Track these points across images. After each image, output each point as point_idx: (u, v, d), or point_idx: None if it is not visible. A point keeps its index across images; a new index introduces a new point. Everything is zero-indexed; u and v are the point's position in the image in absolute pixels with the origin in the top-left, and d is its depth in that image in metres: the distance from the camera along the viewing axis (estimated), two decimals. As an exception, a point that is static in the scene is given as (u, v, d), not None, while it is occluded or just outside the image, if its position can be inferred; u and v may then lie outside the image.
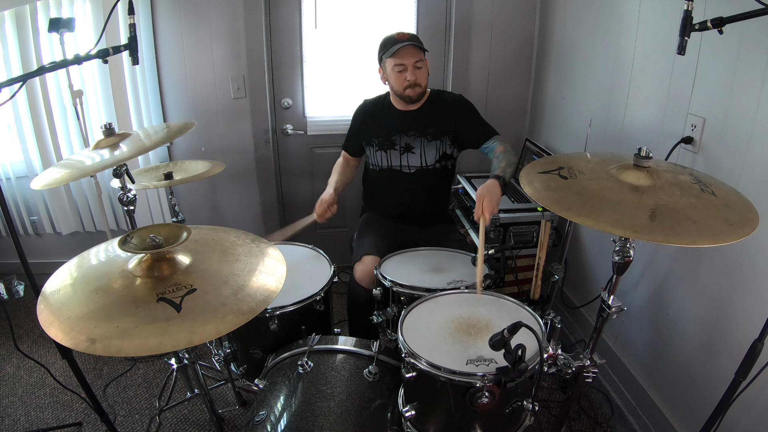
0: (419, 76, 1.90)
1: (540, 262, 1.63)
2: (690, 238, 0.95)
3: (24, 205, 2.82)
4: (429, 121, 1.98)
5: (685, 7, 1.08)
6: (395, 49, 1.85)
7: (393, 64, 1.89)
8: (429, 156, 2.00)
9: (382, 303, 1.66)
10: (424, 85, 1.93)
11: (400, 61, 1.87)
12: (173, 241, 1.11)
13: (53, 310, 1.00)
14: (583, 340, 2.29)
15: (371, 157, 2.09)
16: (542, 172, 1.19)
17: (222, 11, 2.51)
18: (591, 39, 2.17)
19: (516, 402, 1.21)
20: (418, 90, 1.92)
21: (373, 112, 2.08)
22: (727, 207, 1.06)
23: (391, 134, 2.01)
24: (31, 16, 2.41)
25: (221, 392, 2.08)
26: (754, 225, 1.01)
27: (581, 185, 1.12)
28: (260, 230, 2.96)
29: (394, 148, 2.02)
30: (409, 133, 1.99)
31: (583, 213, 1.02)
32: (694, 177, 1.17)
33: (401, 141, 2.00)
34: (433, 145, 1.99)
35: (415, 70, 1.88)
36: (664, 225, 0.98)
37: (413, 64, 1.88)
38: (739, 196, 1.13)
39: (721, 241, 0.95)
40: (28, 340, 2.47)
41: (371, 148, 2.06)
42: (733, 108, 1.40)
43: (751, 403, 1.32)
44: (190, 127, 1.63)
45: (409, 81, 1.89)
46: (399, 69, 1.88)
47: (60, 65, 1.29)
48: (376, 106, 2.09)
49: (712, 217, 1.02)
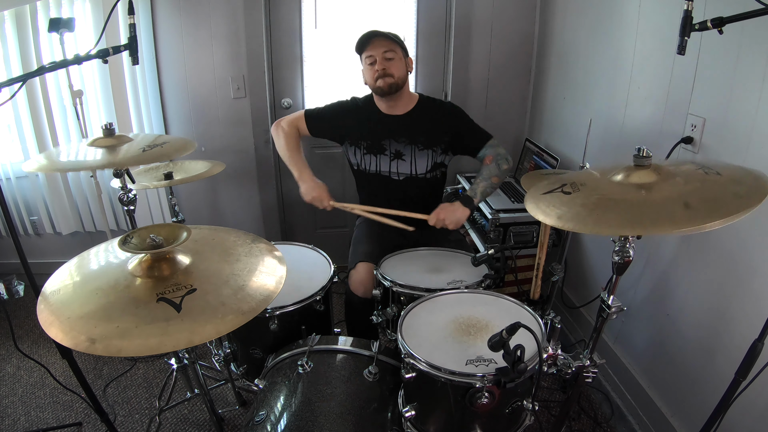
0: (390, 66, 1.83)
1: (540, 262, 1.63)
2: (700, 219, 0.90)
3: (24, 205, 2.82)
4: (419, 129, 1.93)
5: (685, 7, 1.08)
6: (363, 41, 1.83)
7: (364, 58, 1.87)
8: (420, 165, 1.94)
9: (382, 303, 1.66)
10: (397, 77, 1.84)
11: (369, 53, 1.84)
12: (173, 241, 1.11)
13: (53, 310, 1.00)
14: (583, 340, 2.29)
15: (358, 160, 2.00)
16: (546, 192, 1.17)
17: (222, 11, 2.51)
18: (591, 39, 2.17)
19: (516, 402, 1.21)
20: (389, 80, 1.83)
21: (363, 113, 2.00)
22: (735, 182, 1.03)
23: (380, 138, 1.95)
24: (31, 16, 2.41)
25: (221, 392, 2.08)
26: (765, 192, 0.96)
27: (586, 196, 1.09)
28: (260, 230, 2.97)
29: (384, 154, 1.96)
30: (399, 139, 1.93)
31: (591, 222, 1.00)
32: (697, 164, 1.16)
33: (391, 147, 1.94)
34: (424, 154, 1.93)
35: (384, 61, 1.82)
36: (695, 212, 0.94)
37: (382, 54, 1.82)
38: (745, 170, 1.08)
39: (735, 215, 0.90)
40: (28, 340, 2.47)
41: (359, 150, 1.98)
42: (733, 108, 1.40)
43: (751, 403, 1.32)
44: (191, 148, 1.61)
45: (378, 71, 1.82)
46: (369, 61, 1.85)
47: (60, 65, 1.29)
48: (365, 107, 2.01)
49: (721, 193, 0.99)
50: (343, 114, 2.02)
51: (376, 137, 1.95)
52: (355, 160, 2.02)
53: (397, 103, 1.94)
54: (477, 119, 1.97)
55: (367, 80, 1.91)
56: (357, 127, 1.99)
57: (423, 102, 1.98)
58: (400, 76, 1.86)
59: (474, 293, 1.48)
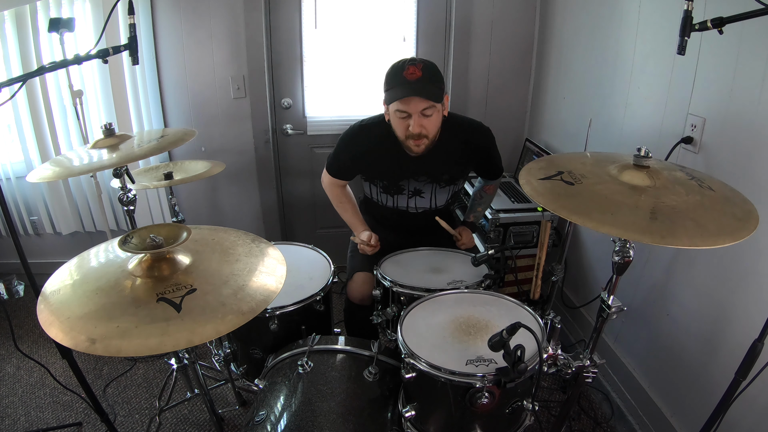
0: (427, 125, 1.53)
1: (540, 262, 1.62)
2: (711, 239, 0.92)
3: (24, 205, 2.82)
4: (443, 166, 1.72)
5: (685, 7, 1.08)
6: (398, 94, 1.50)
7: (394, 110, 1.55)
8: (440, 199, 1.83)
9: (382, 303, 1.66)
10: (432, 137, 1.59)
11: (403, 108, 1.52)
12: (173, 241, 1.11)
13: (53, 310, 1.00)
14: (583, 340, 2.29)
15: (372, 194, 1.88)
16: (543, 178, 1.18)
17: (222, 11, 2.51)
18: (591, 39, 2.17)
19: (516, 402, 1.21)
20: (423, 143, 1.57)
21: (376, 148, 1.72)
22: (727, 201, 1.05)
23: (398, 179, 1.77)
24: (31, 16, 2.41)
25: (221, 392, 2.08)
26: (756, 217, 0.99)
27: (591, 191, 1.09)
28: (260, 230, 2.97)
29: (402, 193, 1.80)
30: (420, 178, 1.75)
31: (603, 220, 0.99)
32: (687, 173, 1.17)
33: (410, 186, 1.78)
34: (445, 190, 1.80)
35: (421, 118, 1.52)
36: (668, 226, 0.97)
37: (420, 111, 1.51)
38: (732, 189, 1.12)
39: (738, 238, 0.93)
40: (28, 340, 2.47)
41: (374, 187, 1.84)
42: (733, 108, 1.40)
43: (751, 403, 1.32)
44: (190, 136, 1.60)
45: (411, 132, 1.54)
46: (401, 116, 1.54)
47: (60, 65, 1.29)
48: (379, 141, 1.70)
49: (719, 214, 1.00)
50: (356, 156, 1.79)
51: (394, 178, 1.78)
52: (369, 193, 1.91)
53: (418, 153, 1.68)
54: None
55: (393, 126, 1.62)
56: (374, 165, 1.79)
57: (450, 128, 1.68)
58: (436, 133, 1.61)
59: (474, 293, 1.48)
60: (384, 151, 1.71)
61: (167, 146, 1.56)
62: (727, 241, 0.92)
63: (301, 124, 2.84)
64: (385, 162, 1.74)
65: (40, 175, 1.43)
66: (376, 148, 1.72)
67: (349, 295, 1.85)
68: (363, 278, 1.81)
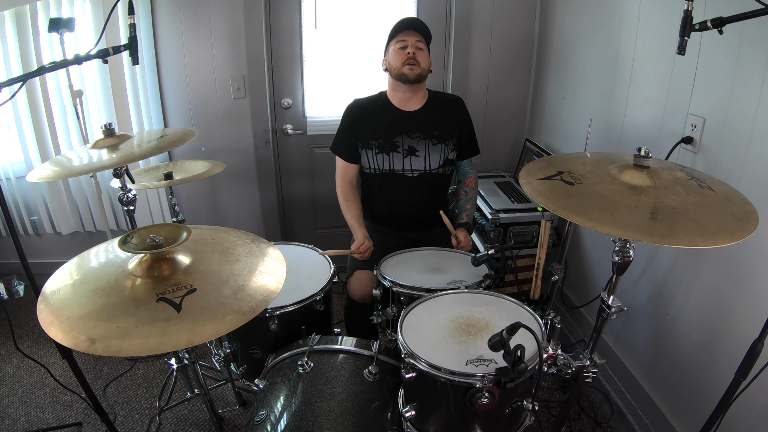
0: (419, 55, 1.85)
1: (540, 262, 1.62)
2: (711, 239, 0.93)
3: (24, 205, 2.82)
4: (433, 124, 1.91)
5: (685, 7, 1.08)
6: (401, 27, 1.87)
7: (395, 42, 1.86)
8: (433, 160, 1.92)
9: (382, 303, 1.66)
10: (423, 68, 1.86)
11: (402, 37, 1.85)
12: (173, 241, 1.11)
13: (53, 310, 1.00)
14: (583, 340, 2.29)
15: (369, 161, 1.95)
16: (543, 178, 1.18)
17: (222, 11, 2.51)
18: (591, 39, 2.17)
19: (516, 402, 1.21)
20: (416, 70, 1.84)
21: (370, 111, 1.95)
22: (728, 201, 1.06)
23: (392, 136, 1.90)
24: (31, 16, 2.41)
25: (221, 392, 2.08)
26: (756, 217, 1.00)
27: (591, 191, 1.09)
28: (260, 230, 2.97)
29: (397, 151, 1.91)
30: (413, 135, 1.90)
31: (603, 220, 0.99)
32: (687, 173, 1.17)
33: (404, 143, 1.91)
34: (437, 148, 1.92)
35: (415, 49, 1.84)
36: (665, 226, 0.97)
37: (415, 41, 1.85)
38: (732, 189, 1.12)
39: (738, 238, 0.93)
40: (28, 340, 2.48)
41: (370, 152, 1.94)
42: (733, 108, 1.40)
43: (751, 403, 1.32)
44: (190, 137, 1.60)
45: (409, 54, 1.83)
46: (401, 45, 1.85)
47: (60, 65, 1.29)
48: (372, 105, 1.97)
49: (719, 214, 1.01)
50: (351, 124, 1.96)
51: (388, 135, 1.91)
52: (367, 163, 1.97)
53: (413, 96, 1.92)
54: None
55: (391, 63, 1.88)
56: (369, 127, 1.94)
57: (433, 97, 1.97)
58: (424, 68, 1.87)
59: (474, 293, 1.48)
60: (378, 109, 1.96)
61: (167, 146, 1.56)
62: (727, 241, 0.93)
63: (301, 124, 2.84)
64: (380, 119, 1.94)
65: (40, 175, 1.43)
66: (370, 110, 1.97)
67: (350, 292, 1.85)
68: (363, 276, 1.82)
